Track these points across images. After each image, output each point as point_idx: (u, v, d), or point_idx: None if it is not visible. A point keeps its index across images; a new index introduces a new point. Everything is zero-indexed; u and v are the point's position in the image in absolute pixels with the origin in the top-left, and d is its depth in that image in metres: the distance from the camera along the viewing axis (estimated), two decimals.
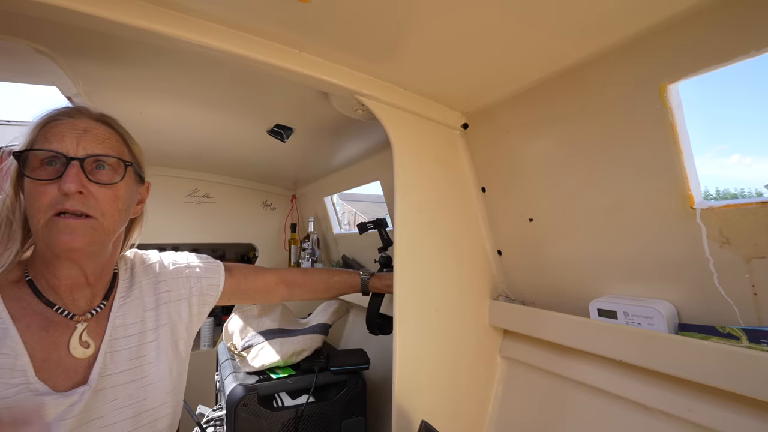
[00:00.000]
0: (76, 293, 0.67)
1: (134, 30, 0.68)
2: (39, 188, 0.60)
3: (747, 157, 35.71)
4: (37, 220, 0.60)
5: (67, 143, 0.62)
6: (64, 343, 0.63)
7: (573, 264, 0.89)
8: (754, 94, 54.79)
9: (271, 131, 1.34)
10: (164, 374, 0.72)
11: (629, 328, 0.72)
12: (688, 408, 0.66)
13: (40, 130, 0.63)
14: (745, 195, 7.43)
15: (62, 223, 0.59)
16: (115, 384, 0.66)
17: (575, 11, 0.61)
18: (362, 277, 1.10)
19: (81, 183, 0.60)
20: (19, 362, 0.57)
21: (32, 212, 0.60)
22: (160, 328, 0.75)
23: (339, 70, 0.86)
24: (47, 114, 0.65)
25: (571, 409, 0.86)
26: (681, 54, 0.60)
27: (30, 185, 0.61)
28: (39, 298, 0.63)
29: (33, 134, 0.63)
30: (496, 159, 0.99)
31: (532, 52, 0.73)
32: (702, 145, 32.47)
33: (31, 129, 0.64)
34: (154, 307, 0.76)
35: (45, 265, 0.64)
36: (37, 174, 0.60)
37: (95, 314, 0.68)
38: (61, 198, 0.59)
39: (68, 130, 0.63)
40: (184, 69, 0.97)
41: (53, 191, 0.59)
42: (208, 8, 0.69)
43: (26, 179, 0.61)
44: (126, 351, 0.69)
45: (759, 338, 0.58)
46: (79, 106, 0.68)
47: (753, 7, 0.52)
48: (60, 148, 0.61)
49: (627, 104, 0.69)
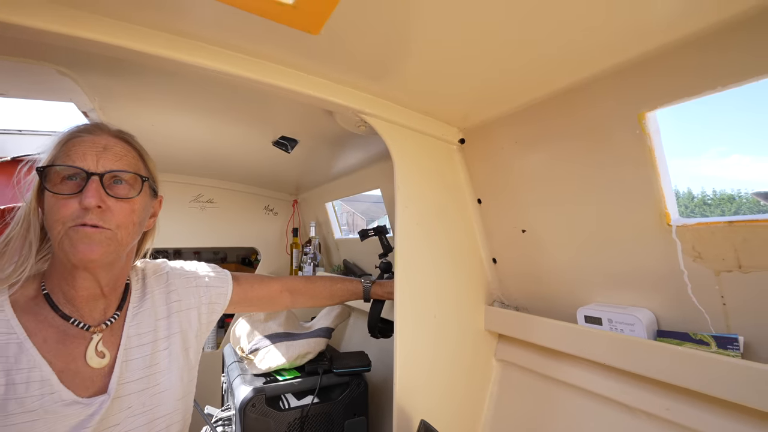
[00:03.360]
0: (92, 304, 0.69)
1: (154, 58, 0.73)
2: (60, 202, 0.63)
3: (746, 157, 36.18)
4: (57, 232, 0.62)
5: (88, 160, 0.65)
6: (80, 353, 0.65)
7: (562, 273, 0.95)
8: (754, 93, 55.92)
9: (277, 143, 1.39)
10: (176, 381, 0.76)
11: (613, 333, 0.78)
12: (665, 407, 0.72)
13: (62, 147, 0.66)
14: (742, 196, 7.44)
15: (81, 232, 0.62)
16: (130, 392, 0.68)
17: (562, 43, 0.67)
18: (364, 285, 1.15)
19: (100, 198, 0.63)
20: (42, 373, 0.59)
21: (52, 224, 0.63)
22: (171, 336, 0.78)
23: (343, 91, 0.92)
24: (69, 131, 0.69)
25: (561, 408, 0.92)
26: (656, 87, 0.66)
27: (51, 199, 0.63)
28: (55, 311, 0.65)
29: (55, 150, 0.66)
30: (491, 173, 1.05)
31: (523, 77, 0.79)
32: (701, 146, 32.57)
33: (53, 145, 0.67)
34: (166, 316, 0.79)
35: (63, 277, 0.66)
36: (59, 188, 0.63)
37: (110, 325, 0.70)
38: (82, 212, 0.62)
39: (89, 147, 0.66)
40: (196, 86, 1.03)
41: (74, 205, 0.62)
42: (224, 37, 0.75)
43: (47, 193, 0.64)
44: (140, 359, 0.72)
45: (726, 344, 0.64)
46: (98, 123, 0.72)
47: (716, 50, 0.58)
48: (81, 165, 0.64)
49: (610, 128, 0.75)
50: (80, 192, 0.63)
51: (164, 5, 0.64)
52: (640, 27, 0.60)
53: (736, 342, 0.64)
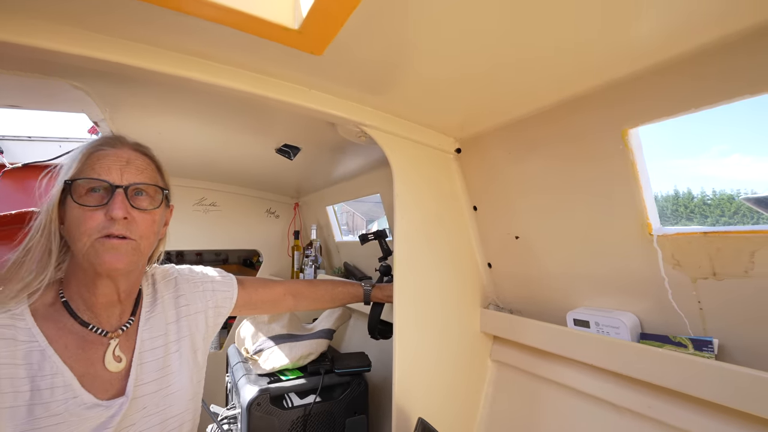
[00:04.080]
0: (110, 310, 0.72)
1: (164, 75, 0.78)
2: (86, 213, 0.65)
3: (747, 156, 36.39)
4: (83, 243, 0.65)
5: (113, 173, 0.68)
6: (99, 358, 0.69)
7: (553, 278, 1.00)
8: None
9: (279, 150, 1.44)
10: (186, 382, 0.79)
11: (599, 336, 0.83)
12: (648, 405, 0.77)
13: (86, 160, 0.69)
14: (741, 195, 7.50)
15: (108, 243, 0.65)
16: (145, 393, 0.72)
17: (550, 65, 0.71)
18: (365, 289, 1.19)
19: (126, 209, 0.67)
20: (64, 379, 0.62)
21: (77, 235, 0.65)
22: (181, 339, 0.82)
23: (345, 104, 0.96)
24: (91, 145, 0.71)
25: (552, 407, 0.97)
26: (638, 106, 0.70)
27: (77, 210, 0.66)
28: (74, 318, 0.68)
29: (80, 163, 0.68)
30: (486, 181, 1.10)
31: (514, 93, 0.83)
32: (701, 145, 32.44)
33: (76, 158, 0.69)
34: (176, 320, 0.83)
35: (84, 285, 0.69)
36: (84, 200, 0.66)
37: (125, 330, 0.74)
38: (108, 223, 0.66)
39: (113, 161, 0.69)
40: (203, 99, 1.07)
41: (100, 216, 0.65)
42: (231, 56, 0.79)
43: (71, 204, 0.66)
44: (153, 362, 0.75)
45: (702, 346, 0.69)
46: (119, 137, 0.75)
47: (690, 75, 0.63)
48: (107, 178, 0.67)
49: (596, 143, 0.79)
50: (106, 204, 0.66)
51: (176, 27, 0.68)
52: (623, 52, 0.65)
53: (710, 344, 0.68)
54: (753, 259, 0.63)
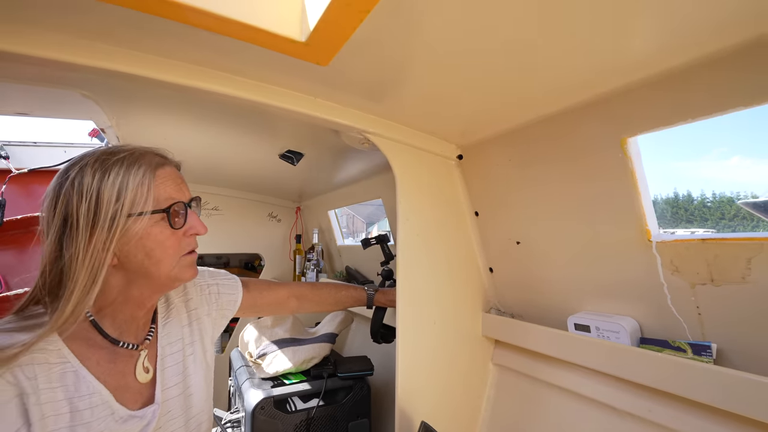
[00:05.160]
0: (136, 323, 0.72)
1: (172, 85, 0.79)
2: (175, 234, 0.67)
3: (747, 159, 36.29)
4: (169, 264, 0.67)
5: (183, 192, 0.70)
6: (130, 371, 0.69)
7: (554, 283, 1.01)
8: None
9: (283, 156, 1.45)
10: (202, 383, 0.81)
11: (600, 340, 0.84)
12: (648, 409, 0.78)
13: (155, 185, 0.65)
14: (741, 198, 7.52)
15: (189, 259, 0.70)
16: (170, 397, 0.73)
17: (550, 76, 0.73)
18: (368, 293, 1.21)
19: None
20: (101, 397, 0.62)
21: (161, 258, 0.65)
22: (194, 342, 0.83)
23: (349, 113, 0.98)
24: (149, 168, 0.66)
25: (553, 410, 0.98)
26: (636, 115, 0.72)
27: (162, 235, 0.65)
28: (104, 336, 0.67)
29: (154, 189, 0.65)
30: (488, 187, 1.11)
31: (514, 102, 0.85)
32: (702, 147, 32.43)
33: (148, 186, 0.64)
34: (188, 323, 0.84)
35: (130, 303, 0.68)
36: (176, 223, 0.67)
37: (150, 339, 0.74)
38: (191, 240, 0.70)
39: (175, 179, 0.69)
40: (208, 106, 1.09)
41: (180, 234, 0.68)
42: (238, 66, 0.80)
43: (158, 230, 0.65)
44: (174, 367, 0.76)
45: (700, 351, 0.70)
46: (158, 151, 0.72)
47: (686, 86, 0.65)
48: (182, 198, 0.69)
49: (595, 151, 0.81)
50: (185, 223, 0.69)
51: (186, 39, 0.70)
52: (620, 63, 0.66)
53: (709, 349, 0.70)
54: (749, 265, 0.64)
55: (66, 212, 0.60)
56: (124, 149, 0.67)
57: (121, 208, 0.61)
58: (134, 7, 0.58)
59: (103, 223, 0.60)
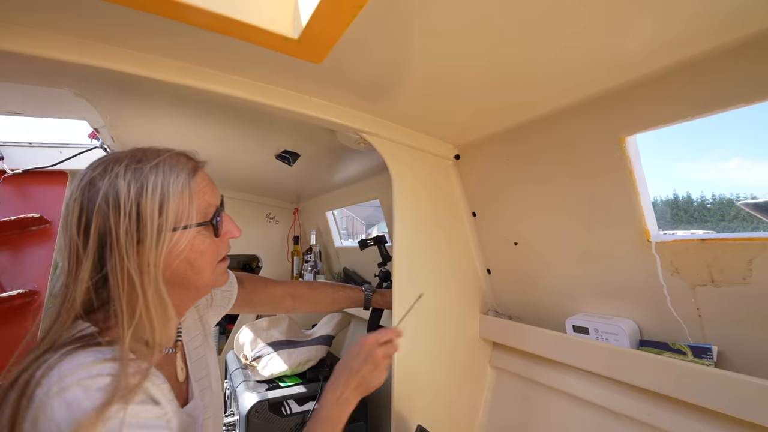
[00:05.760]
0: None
1: (165, 84, 0.78)
2: (215, 242, 0.65)
3: (747, 160, 35.91)
4: (209, 272, 0.65)
5: (217, 195, 0.68)
6: (174, 374, 0.69)
7: (552, 284, 1.00)
8: None
9: (279, 156, 1.44)
10: (216, 376, 0.82)
11: (599, 343, 0.83)
12: (647, 413, 0.76)
13: (195, 190, 0.62)
14: (740, 200, 7.51)
15: (224, 264, 0.70)
16: (202, 389, 0.75)
17: (546, 75, 0.72)
18: (366, 294, 1.19)
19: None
20: (176, 403, 0.61)
21: (202, 266, 0.63)
22: (207, 335, 0.85)
23: (344, 112, 0.97)
24: (188, 177, 0.62)
25: (551, 414, 0.97)
26: (635, 114, 0.71)
27: (203, 244, 0.63)
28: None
29: (195, 199, 0.62)
30: (485, 188, 1.10)
31: (511, 102, 0.84)
32: (702, 148, 32.59)
33: (190, 196, 0.61)
34: (199, 318, 0.85)
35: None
36: (219, 232, 0.66)
37: (180, 340, 0.74)
38: (226, 244, 0.69)
39: (209, 184, 0.67)
40: (203, 105, 1.08)
41: (218, 241, 0.66)
42: (232, 64, 0.80)
43: (200, 239, 0.62)
44: (199, 360, 0.78)
45: (701, 354, 0.69)
46: (188, 153, 0.69)
47: (687, 82, 0.63)
48: (217, 202, 0.67)
49: (593, 150, 0.80)
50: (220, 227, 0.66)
51: (178, 37, 0.69)
52: (619, 61, 0.65)
53: (709, 352, 0.68)
54: (750, 266, 0.63)
55: (104, 230, 0.55)
56: (152, 154, 0.62)
57: (165, 222, 0.57)
58: (125, 4, 0.57)
59: (150, 240, 0.55)
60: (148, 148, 0.64)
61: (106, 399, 0.46)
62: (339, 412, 0.73)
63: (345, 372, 0.76)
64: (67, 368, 0.47)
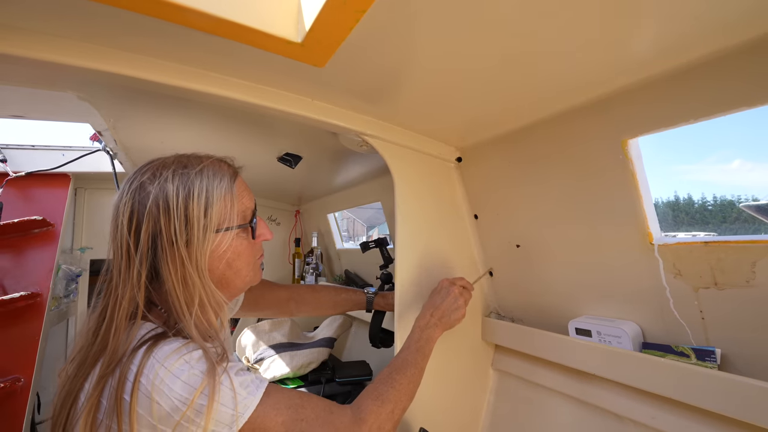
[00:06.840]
0: None
1: (168, 87, 0.79)
2: (251, 243, 0.69)
3: (749, 162, 36.00)
4: (249, 270, 0.69)
5: (252, 199, 0.73)
6: None
7: (555, 287, 1.00)
8: None
9: (281, 158, 1.44)
10: None
11: (601, 345, 0.83)
12: (651, 416, 0.76)
13: (237, 194, 0.67)
14: (742, 201, 7.55)
15: (259, 263, 0.74)
16: None
17: (548, 78, 0.72)
18: (368, 296, 1.19)
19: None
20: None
21: (243, 267, 0.67)
22: (227, 336, 0.85)
23: (346, 115, 0.97)
24: (228, 179, 0.67)
25: (554, 416, 0.96)
26: (637, 117, 0.71)
27: (242, 246, 0.67)
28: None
29: (236, 202, 0.66)
30: (487, 190, 1.10)
31: (513, 105, 0.84)
32: (703, 150, 32.46)
33: (232, 200, 0.65)
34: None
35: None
36: (257, 235, 0.70)
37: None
38: (260, 246, 0.73)
39: (246, 188, 0.72)
40: (205, 108, 1.08)
41: (253, 242, 0.70)
42: (235, 67, 0.80)
43: (239, 241, 0.66)
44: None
45: (704, 356, 0.69)
46: (227, 160, 0.74)
47: (688, 86, 0.64)
48: (253, 206, 0.72)
49: (596, 153, 0.80)
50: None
51: (181, 41, 0.69)
52: (621, 64, 0.66)
53: (713, 354, 0.68)
54: (754, 269, 0.63)
55: (155, 232, 0.58)
56: (196, 159, 0.67)
57: (210, 224, 0.61)
58: (128, 8, 0.57)
59: (197, 241, 0.60)
60: (190, 154, 0.69)
61: (210, 363, 0.53)
62: (426, 341, 0.83)
63: (429, 307, 0.87)
64: (162, 355, 0.52)
